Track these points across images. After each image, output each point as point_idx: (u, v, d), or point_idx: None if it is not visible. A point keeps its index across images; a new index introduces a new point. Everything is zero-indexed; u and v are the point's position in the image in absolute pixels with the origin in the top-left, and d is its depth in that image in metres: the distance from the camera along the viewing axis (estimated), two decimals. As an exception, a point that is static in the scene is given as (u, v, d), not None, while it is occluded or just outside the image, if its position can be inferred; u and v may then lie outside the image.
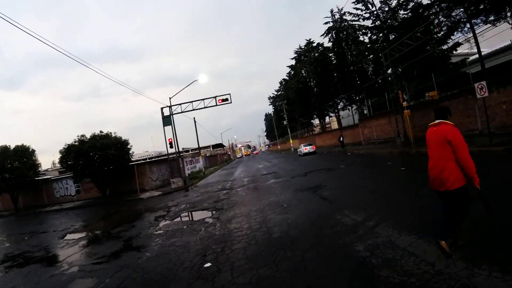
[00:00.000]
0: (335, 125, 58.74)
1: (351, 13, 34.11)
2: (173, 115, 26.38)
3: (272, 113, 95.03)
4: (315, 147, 39.24)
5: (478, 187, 3.90)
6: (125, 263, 6.76)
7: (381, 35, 31.54)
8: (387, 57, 23.87)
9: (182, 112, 26.92)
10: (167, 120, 26.09)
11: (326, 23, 39.95)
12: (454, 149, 3.88)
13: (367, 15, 32.13)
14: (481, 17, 20.43)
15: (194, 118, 40.11)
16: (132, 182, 24.24)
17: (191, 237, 7.91)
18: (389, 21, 30.10)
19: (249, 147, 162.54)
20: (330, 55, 44.46)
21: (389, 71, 27.04)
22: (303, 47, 56.10)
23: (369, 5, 31.62)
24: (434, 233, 4.80)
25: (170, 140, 25.91)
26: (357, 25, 36.42)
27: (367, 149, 27.48)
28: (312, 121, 65.95)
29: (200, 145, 43.36)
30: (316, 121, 66.54)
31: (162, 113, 26.27)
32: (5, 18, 10.46)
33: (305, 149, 37.34)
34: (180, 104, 26.93)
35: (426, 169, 4.27)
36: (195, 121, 39.62)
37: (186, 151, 61.07)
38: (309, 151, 36.86)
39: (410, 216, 6.08)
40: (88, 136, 23.61)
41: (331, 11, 39.38)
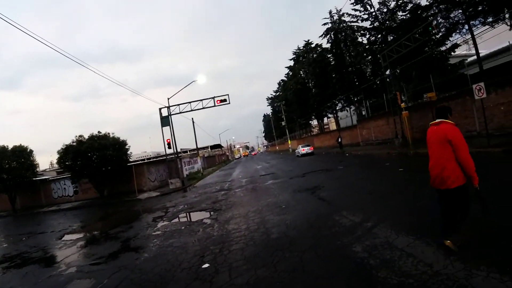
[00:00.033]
0: (333, 126, 58.84)
1: (349, 14, 34.22)
2: (171, 116, 26.37)
3: (271, 114, 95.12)
4: (312, 148, 39.41)
5: (477, 186, 3.95)
6: (123, 264, 6.75)
7: (379, 36, 31.60)
8: (385, 58, 23.91)
9: (180, 113, 26.92)
10: (165, 121, 26.07)
11: (324, 24, 39.99)
12: (454, 148, 3.92)
13: (365, 16, 32.19)
14: (479, 19, 20.45)
15: (192, 118, 40.17)
16: (130, 182, 24.22)
17: (189, 238, 7.90)
18: (387, 22, 30.13)
19: (247, 148, 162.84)
20: (329, 56, 44.45)
21: (388, 72, 27.04)
22: (301, 48, 56.14)
23: (368, 6, 31.66)
24: (432, 234, 4.82)
25: (168, 140, 25.90)
26: (355, 26, 36.43)
27: (365, 150, 27.50)
28: (310, 122, 65.91)
29: (198, 146, 43.37)
30: (315, 122, 66.62)
31: (160, 113, 26.26)
32: (4, 18, 10.45)
33: (303, 150, 37.59)
34: (179, 105, 26.93)
35: (424, 170, 4.29)
36: (193, 122, 39.66)
37: (184, 151, 60.98)
38: (307, 152, 37.06)
39: (408, 217, 6.09)
40: (86, 136, 23.62)
41: (330, 12, 39.38)
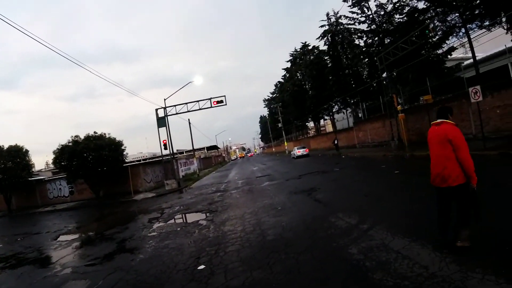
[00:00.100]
0: (329, 128, 58.84)
1: (347, 17, 34.37)
2: (168, 117, 26.32)
3: (267, 115, 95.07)
4: (308, 150, 39.69)
5: (474, 186, 4.00)
6: (118, 265, 6.71)
7: (376, 39, 31.73)
8: (382, 60, 23.99)
9: (176, 114, 26.85)
10: (161, 122, 26.00)
11: (322, 26, 40.04)
12: (455, 148, 4.01)
13: (362, 18, 32.34)
14: (476, 22, 20.54)
15: (188, 119, 40.11)
16: (126, 183, 24.13)
17: (185, 239, 7.88)
18: (384, 25, 30.25)
19: (243, 149, 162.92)
20: (326, 58, 44.49)
21: (384, 74, 27.15)
22: (298, 50, 56.15)
23: (365, 9, 31.82)
24: (428, 236, 4.84)
25: (164, 141, 25.85)
26: (352, 29, 36.50)
27: (361, 152, 27.57)
28: (307, 124, 65.98)
29: (195, 147, 43.32)
30: (311, 124, 66.69)
31: (157, 114, 26.18)
32: (1, 16, 10.40)
33: (298, 152, 37.97)
34: (175, 106, 26.87)
35: (420, 173, 4.33)
36: (189, 123, 39.58)
37: (180, 152, 60.88)
38: (302, 154, 37.44)
39: (404, 219, 6.10)
40: (82, 136, 23.48)
41: (327, 14, 39.43)
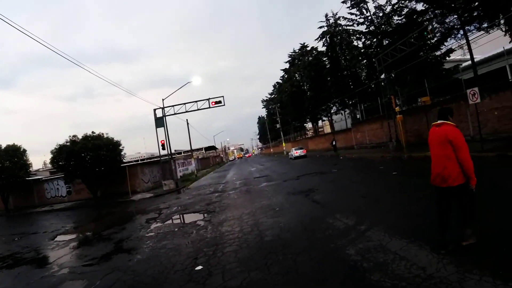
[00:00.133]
0: (328, 129, 58.88)
1: (345, 18, 34.52)
2: (166, 117, 26.28)
3: (265, 116, 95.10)
4: (305, 150, 39.92)
5: (473, 187, 4.06)
6: (115, 265, 6.70)
7: (375, 40, 31.83)
8: (380, 62, 24.02)
9: (175, 114, 26.84)
10: (159, 122, 25.96)
11: (320, 27, 40.11)
12: (455, 148, 4.04)
13: (361, 20, 32.48)
14: (474, 24, 20.64)
15: (187, 120, 40.08)
16: (123, 183, 24.10)
17: (182, 239, 7.87)
18: (383, 26, 30.36)
19: (241, 150, 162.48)
20: (324, 59, 44.59)
21: (382, 76, 27.20)
22: (297, 50, 56.25)
23: (364, 11, 31.95)
24: (425, 237, 4.85)
25: (163, 141, 25.80)
26: (351, 30, 36.58)
27: (359, 153, 27.59)
28: (305, 124, 66.06)
29: (193, 147, 43.24)
30: (309, 125, 66.76)
31: (155, 114, 26.15)
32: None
33: (296, 152, 38.22)
34: (173, 106, 26.86)
35: (418, 174, 4.35)
36: (187, 123, 39.54)
37: (178, 153, 60.85)
38: (300, 155, 37.68)
39: (401, 221, 6.10)
40: (80, 136, 23.45)
41: (326, 15, 39.50)
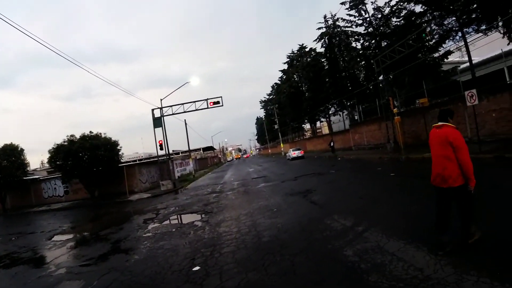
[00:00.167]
0: (326, 130, 59.01)
1: (344, 19, 34.57)
2: (164, 117, 26.25)
3: (264, 117, 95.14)
4: (303, 151, 40.23)
5: (472, 188, 4.11)
6: (113, 265, 6.67)
7: (373, 41, 31.89)
8: (379, 63, 24.07)
9: (173, 114, 26.80)
10: (157, 122, 25.91)
11: (319, 28, 40.19)
12: (455, 150, 4.08)
13: (360, 21, 32.53)
14: (472, 26, 20.66)
15: (185, 120, 40.05)
16: (121, 183, 24.04)
17: (180, 240, 7.85)
18: (381, 28, 30.43)
19: (239, 150, 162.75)
20: (323, 60, 44.69)
21: (381, 77, 27.21)
22: (295, 52, 56.30)
23: (363, 12, 32.00)
24: (423, 238, 4.85)
25: (160, 142, 25.77)
26: (350, 31, 36.70)
27: (357, 154, 27.64)
28: (303, 125, 66.07)
29: (191, 148, 43.23)
30: (307, 126, 66.72)
31: (153, 114, 26.09)
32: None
33: (293, 153, 38.67)
34: (171, 106, 26.82)
35: (416, 175, 4.37)
36: (186, 124, 39.51)
37: (176, 153, 60.84)
38: (298, 156, 38.07)
39: (399, 222, 6.11)
40: (78, 136, 23.34)
41: (325, 17, 39.57)
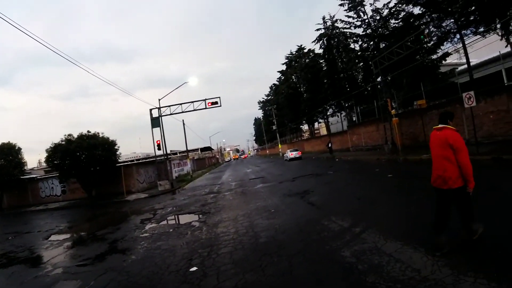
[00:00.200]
0: (324, 131, 59.07)
1: (343, 21, 34.68)
2: (162, 117, 26.18)
3: (262, 117, 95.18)
4: (300, 152, 40.64)
5: (471, 190, 4.16)
6: (110, 265, 6.65)
7: (371, 43, 31.96)
8: (377, 65, 24.08)
9: (171, 114, 26.71)
10: (155, 122, 25.84)
11: (317, 29, 40.23)
12: (456, 152, 4.13)
13: (358, 23, 32.63)
14: (471, 28, 20.74)
15: (183, 120, 39.96)
16: (118, 183, 23.97)
17: (177, 240, 7.83)
18: (380, 29, 30.48)
19: (237, 151, 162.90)
20: (321, 61, 44.79)
21: (379, 79, 27.28)
22: (294, 52, 56.40)
23: (361, 14, 32.08)
24: (420, 239, 4.85)
25: (158, 142, 25.69)
26: (348, 33, 36.75)
27: (355, 155, 27.68)
28: (301, 126, 66.15)
29: (189, 148, 43.18)
30: (305, 127, 66.85)
31: (151, 114, 26.00)
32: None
33: (291, 154, 38.99)
34: (169, 106, 26.73)
35: (413, 177, 4.37)
36: (184, 124, 39.45)
37: (174, 153, 60.75)
38: (295, 157, 38.44)
39: (396, 223, 6.13)
40: (75, 135, 23.27)
41: (323, 18, 39.65)
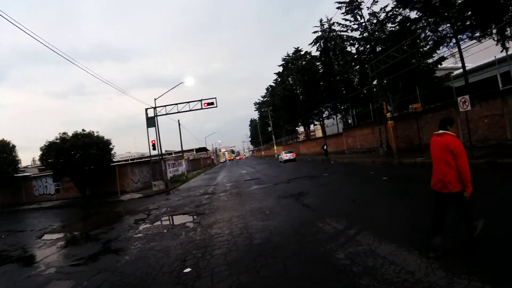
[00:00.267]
0: (319, 133, 59.21)
1: (340, 24, 34.75)
2: (158, 117, 26.08)
3: (258, 119, 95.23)
4: (295, 154, 41.03)
5: (468, 195, 4.22)
6: (103, 266, 6.61)
7: (368, 46, 32.08)
8: (373, 68, 24.19)
9: (166, 114, 26.62)
10: (151, 122, 25.73)
11: (314, 32, 40.32)
12: (456, 157, 4.19)
13: (355, 26, 32.72)
14: (467, 33, 20.89)
15: (178, 120, 39.88)
16: (113, 183, 23.83)
17: (171, 241, 7.80)
18: (376, 33, 30.62)
19: (233, 152, 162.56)
20: (317, 64, 44.84)
21: (375, 82, 27.38)
22: (291, 54, 56.51)
23: (358, 17, 32.21)
24: (414, 242, 4.87)
25: (153, 142, 25.60)
26: (345, 36, 36.84)
27: (350, 158, 27.77)
28: (297, 128, 66.22)
29: (184, 148, 43.07)
30: (301, 129, 66.90)
31: (147, 114, 25.90)
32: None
33: (286, 156, 39.42)
34: (165, 106, 26.63)
35: (408, 179, 4.39)
36: (179, 124, 39.36)
37: (169, 153, 60.55)
38: (290, 158, 38.86)
39: (391, 225, 6.15)
40: (70, 134, 23.08)
41: (320, 20, 39.74)
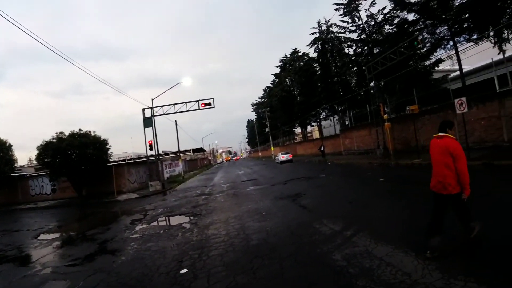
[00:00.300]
0: (316, 135, 59.21)
1: (337, 25, 34.80)
2: (155, 117, 26.03)
3: (255, 120, 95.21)
4: (291, 155, 41.21)
5: (466, 197, 4.28)
6: (99, 266, 6.59)
7: (365, 48, 32.15)
8: (370, 70, 24.26)
9: (164, 114, 26.59)
10: (148, 122, 25.68)
11: (312, 33, 40.41)
12: (455, 160, 4.25)
13: (353, 28, 32.78)
14: (464, 35, 20.99)
15: (175, 121, 39.78)
16: (109, 183, 23.75)
17: (167, 242, 7.79)
18: (374, 35, 30.70)
19: (230, 153, 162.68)
20: (315, 65, 44.86)
21: (372, 84, 27.48)
22: (288, 56, 56.57)
23: (356, 19, 32.29)
24: (411, 243, 4.88)
25: (150, 142, 25.53)
26: (342, 37, 36.94)
27: (347, 159, 27.79)
28: (294, 129, 66.25)
29: (181, 149, 43.00)
30: (298, 130, 66.95)
31: (144, 114, 25.84)
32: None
33: (282, 157, 39.52)
34: (162, 106, 26.59)
35: (405, 181, 4.39)
36: (176, 124, 39.27)
37: (166, 154, 60.36)
38: (286, 159, 39.01)
39: (387, 227, 6.16)
40: (67, 133, 23.02)
41: (318, 22, 39.87)
